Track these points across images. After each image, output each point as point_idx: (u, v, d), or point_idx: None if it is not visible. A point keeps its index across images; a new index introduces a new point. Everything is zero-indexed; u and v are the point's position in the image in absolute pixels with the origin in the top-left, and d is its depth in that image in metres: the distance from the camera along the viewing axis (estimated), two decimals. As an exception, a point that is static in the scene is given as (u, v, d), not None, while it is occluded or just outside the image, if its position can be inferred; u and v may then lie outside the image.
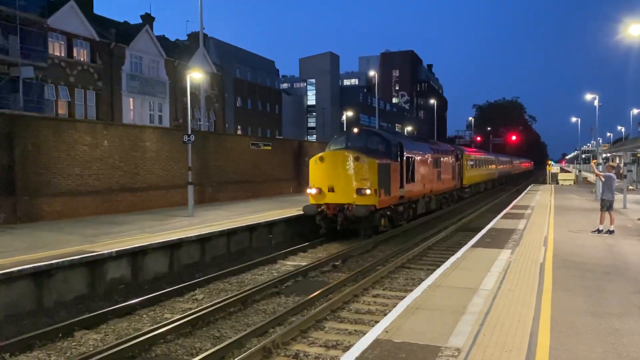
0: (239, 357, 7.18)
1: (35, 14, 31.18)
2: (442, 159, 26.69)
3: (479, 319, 6.83)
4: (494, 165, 51.07)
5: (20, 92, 30.01)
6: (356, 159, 17.37)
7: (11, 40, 30.12)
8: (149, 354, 7.77)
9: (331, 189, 17.63)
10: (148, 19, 43.44)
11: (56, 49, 34.42)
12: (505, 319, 6.87)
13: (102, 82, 37.23)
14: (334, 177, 17.63)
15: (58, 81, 34.14)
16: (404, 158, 19.71)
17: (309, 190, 18.13)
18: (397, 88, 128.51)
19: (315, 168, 18.06)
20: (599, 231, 14.86)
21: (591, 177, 52.15)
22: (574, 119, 75.59)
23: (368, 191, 17.15)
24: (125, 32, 40.68)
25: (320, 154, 18.27)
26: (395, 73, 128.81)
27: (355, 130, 20.24)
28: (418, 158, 21.71)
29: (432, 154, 24.51)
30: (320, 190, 17.77)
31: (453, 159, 29.82)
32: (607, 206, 14.97)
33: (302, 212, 18.40)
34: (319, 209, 17.71)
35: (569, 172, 67.34)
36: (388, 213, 18.89)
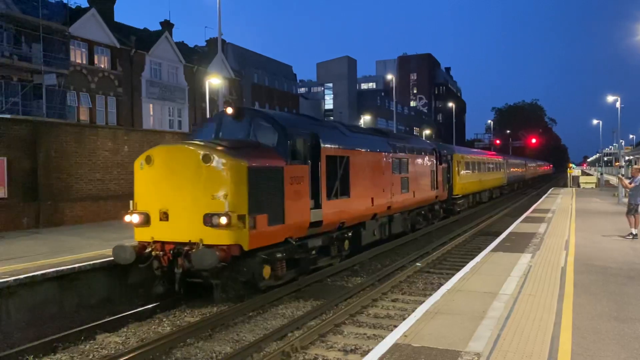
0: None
1: (57, 23, 31.81)
2: (412, 160, 19.00)
3: (499, 324, 6.76)
4: (502, 169, 43.23)
5: (44, 99, 30.60)
6: (205, 158, 9.65)
7: (34, 48, 30.76)
8: (169, 357, 7.84)
9: (164, 216, 9.95)
10: (167, 25, 44.03)
11: (78, 56, 35.03)
12: (526, 323, 6.80)
13: (122, 89, 37.78)
14: (170, 194, 9.90)
15: (80, 88, 34.74)
16: (323, 158, 12.25)
17: (127, 218, 10.46)
18: (415, 91, 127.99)
19: (141, 177, 10.47)
20: (633, 235, 14.44)
21: (613, 180, 51.34)
22: (595, 121, 74.57)
23: (224, 219, 9.27)
24: (145, 39, 41.27)
25: (147, 152, 10.52)
26: (413, 76, 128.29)
27: (230, 110, 11.85)
28: (358, 158, 14.20)
29: (389, 153, 16.78)
30: (147, 218, 10.11)
31: (432, 161, 21.99)
32: (635, 210, 14.65)
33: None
34: (145, 252, 10.05)
35: (590, 175, 66.38)
36: (280, 255, 10.68)
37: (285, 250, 10.85)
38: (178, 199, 9.86)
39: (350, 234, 14.18)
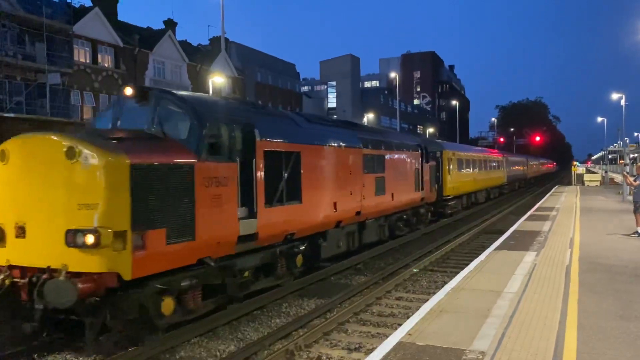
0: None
1: (61, 22, 31.87)
2: (389, 157, 16.35)
3: (503, 322, 6.74)
4: (501, 168, 40.60)
5: (47, 98, 30.67)
6: (69, 153, 7.12)
7: (38, 47, 30.82)
8: (173, 356, 7.84)
9: (21, 231, 7.35)
10: (170, 24, 44.06)
11: (81, 55, 35.08)
12: (531, 322, 6.77)
13: (126, 87, 37.80)
14: (27, 202, 7.35)
15: (83, 87, 34.80)
16: (260, 154, 9.72)
17: None
18: (418, 89, 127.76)
19: None
20: (638, 234, 14.40)
21: (618, 178, 51.13)
22: (599, 119, 74.26)
23: (90, 238, 6.84)
24: (148, 38, 41.29)
25: (1, 145, 7.82)
26: (417, 74, 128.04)
27: (129, 91, 8.94)
28: (313, 155, 11.80)
29: (359, 149, 14.22)
30: (1, 234, 7.51)
31: (417, 158, 19.33)
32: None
33: None
34: None
35: (594, 173, 66.16)
36: (190, 282, 8.09)
37: (198, 276, 8.20)
38: (36, 208, 7.18)
39: (303, 247, 11.38)
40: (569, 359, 5.50)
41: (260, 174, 9.71)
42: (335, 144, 13.01)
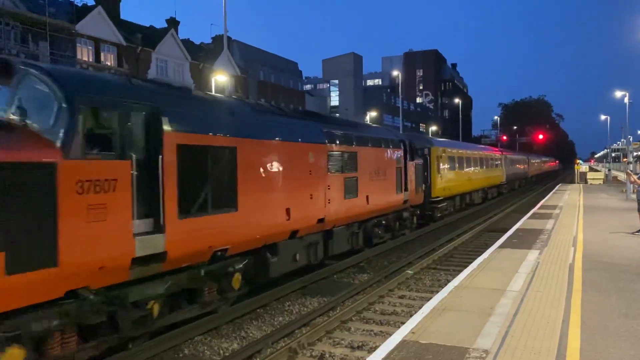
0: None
1: (64, 21, 31.95)
2: (363, 155, 13.99)
3: (507, 321, 6.74)
4: (500, 166, 38.23)
5: (50, 97, 30.70)
6: None
7: (41, 46, 30.89)
8: (177, 354, 7.86)
9: None
10: (173, 23, 44.11)
11: (84, 54, 35.16)
12: (534, 320, 6.77)
13: (128, 86, 37.91)
14: None
15: (86, 86, 34.86)
16: (170, 149, 7.60)
17: None
18: (421, 88, 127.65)
19: None
20: None
21: (621, 176, 51.02)
22: (603, 117, 74.02)
23: None
24: (151, 37, 41.35)
25: None
26: (419, 73, 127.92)
27: None
28: (255, 151, 9.54)
29: (322, 145, 11.92)
30: None
31: (399, 156, 16.85)
32: None
33: None
34: None
35: (598, 171, 66.00)
36: (50, 323, 6.17)
37: (67, 313, 6.33)
38: None
39: (242, 265, 9.37)
40: (572, 357, 5.49)
41: (171, 175, 7.44)
42: (290, 139, 10.63)
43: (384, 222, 16.20)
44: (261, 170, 9.61)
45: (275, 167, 10.10)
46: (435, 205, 22.36)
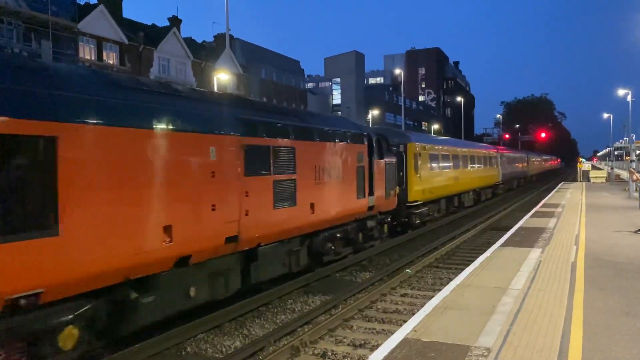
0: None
1: (66, 19, 31.99)
2: (304, 151, 11.05)
3: (509, 319, 6.75)
4: (495, 164, 35.05)
5: (53, 96, 30.77)
6: None
7: (43, 45, 30.95)
8: (179, 351, 7.88)
9: None
10: (175, 21, 44.13)
11: (86, 52, 35.20)
12: (536, 319, 6.77)
13: (131, 85, 37.98)
14: None
15: (89, 84, 34.92)
16: None
17: None
18: (423, 86, 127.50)
19: None
20: None
21: (624, 175, 50.91)
22: (605, 115, 73.88)
23: None
24: (153, 35, 41.38)
25: None
26: (421, 71, 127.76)
27: None
28: (97, 144, 6.45)
29: (230, 136, 8.83)
30: None
31: (360, 153, 14.00)
32: None
33: None
34: None
35: (600, 169, 65.89)
36: None
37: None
38: None
39: (75, 315, 6.37)
40: (574, 356, 5.50)
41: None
42: (174, 127, 7.63)
43: (339, 234, 13.08)
44: (112, 171, 6.62)
45: (143, 166, 7.11)
46: (413, 211, 19.19)
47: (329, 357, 7.49)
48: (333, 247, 12.98)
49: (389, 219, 16.85)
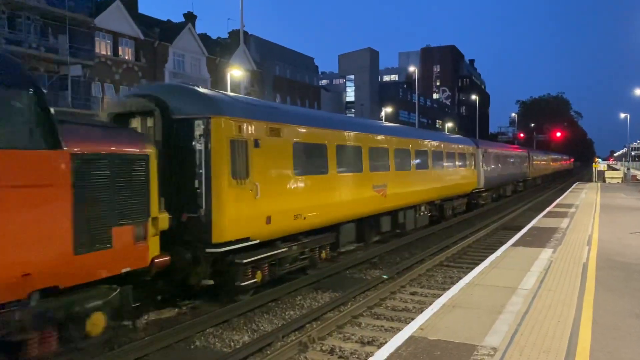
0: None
1: (83, 15, 32.32)
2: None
3: (517, 319, 6.72)
4: (469, 164, 24.67)
5: (69, 90, 31.15)
6: None
7: (60, 39, 31.33)
8: (188, 345, 7.97)
9: None
10: (190, 17, 44.34)
11: (103, 47, 35.52)
12: (545, 319, 6.74)
13: (146, 80, 38.22)
14: None
15: (104, 79, 35.25)
16: None
17: None
18: (437, 84, 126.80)
19: None
20: None
21: (641, 176, 50.26)
22: (622, 115, 72.93)
23: None
24: (168, 31, 41.63)
25: None
26: (436, 68, 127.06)
27: None
28: None
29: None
30: None
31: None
32: None
33: None
34: None
35: (616, 169, 65.10)
36: None
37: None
38: None
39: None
40: (582, 357, 5.47)
41: None
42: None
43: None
44: None
45: None
46: (235, 261, 9.33)
47: (336, 354, 7.52)
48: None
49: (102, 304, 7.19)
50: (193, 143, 9.04)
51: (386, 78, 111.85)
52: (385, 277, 12.11)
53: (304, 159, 11.56)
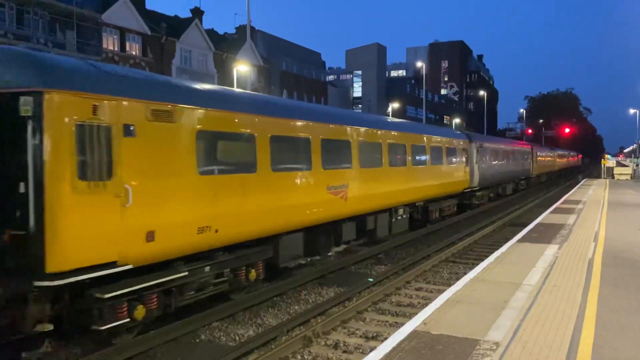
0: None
1: (90, 10, 32.47)
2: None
3: (520, 314, 6.73)
4: (459, 159, 21.83)
5: (77, 86, 31.32)
6: None
7: (68, 35, 31.49)
8: (194, 339, 8.03)
9: None
10: (197, 12, 44.40)
11: (110, 43, 35.66)
12: (548, 315, 6.75)
13: (153, 75, 38.42)
14: None
15: (112, 75, 35.42)
16: None
17: None
18: (445, 79, 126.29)
19: None
20: None
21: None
22: (632, 111, 72.26)
23: None
24: (175, 26, 41.72)
25: None
26: (444, 64, 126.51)
27: None
28: None
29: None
30: None
31: None
32: None
33: None
34: None
35: (625, 166, 64.63)
36: None
37: None
38: None
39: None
40: (584, 353, 5.48)
41: None
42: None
43: None
44: None
45: None
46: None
47: (340, 348, 7.56)
48: None
49: None
50: (17, 130, 6.34)
51: (394, 73, 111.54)
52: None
53: (217, 153, 9.08)
